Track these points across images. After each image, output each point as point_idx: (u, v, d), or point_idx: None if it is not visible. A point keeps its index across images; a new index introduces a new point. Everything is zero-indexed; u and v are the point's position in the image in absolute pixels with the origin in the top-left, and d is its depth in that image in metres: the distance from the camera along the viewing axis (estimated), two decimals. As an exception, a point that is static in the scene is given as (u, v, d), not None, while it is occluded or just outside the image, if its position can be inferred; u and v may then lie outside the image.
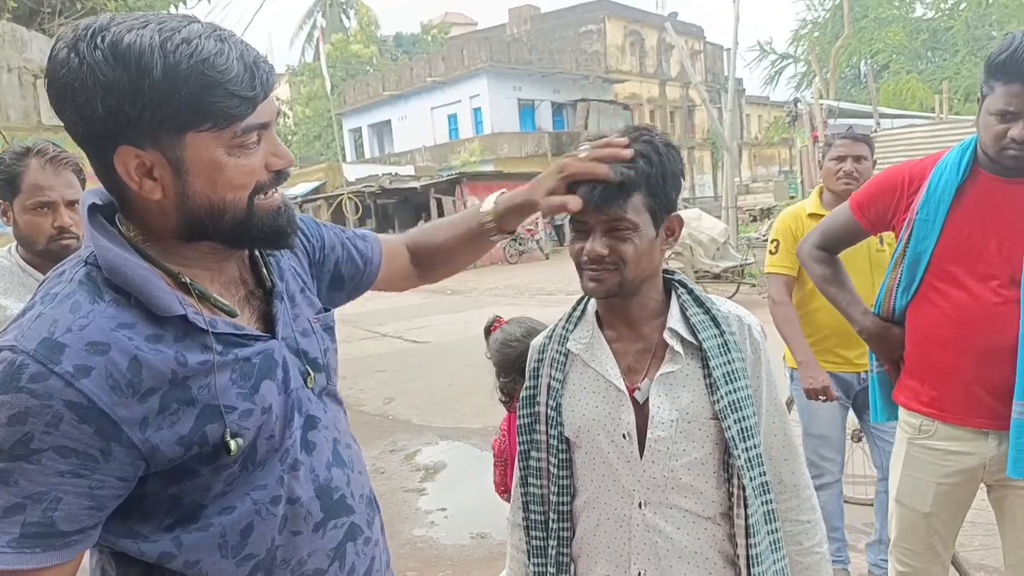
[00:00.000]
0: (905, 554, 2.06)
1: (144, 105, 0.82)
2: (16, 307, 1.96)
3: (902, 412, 2.07)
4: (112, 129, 0.84)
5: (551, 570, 1.32)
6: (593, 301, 1.37)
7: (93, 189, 0.98)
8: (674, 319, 1.26)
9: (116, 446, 0.83)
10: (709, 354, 1.23)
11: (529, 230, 21.84)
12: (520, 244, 21.45)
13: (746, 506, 1.21)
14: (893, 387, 2.12)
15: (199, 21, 0.86)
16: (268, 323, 1.02)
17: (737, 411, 1.22)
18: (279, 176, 0.95)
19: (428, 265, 1.47)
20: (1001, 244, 1.81)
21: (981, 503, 2.08)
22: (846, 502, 3.81)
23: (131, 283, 0.87)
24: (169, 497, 0.90)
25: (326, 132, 35.28)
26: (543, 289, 14.44)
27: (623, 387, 1.27)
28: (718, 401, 1.21)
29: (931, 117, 12.34)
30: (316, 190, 23.46)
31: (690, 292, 1.31)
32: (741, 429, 1.22)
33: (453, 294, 15.36)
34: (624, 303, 1.28)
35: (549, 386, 1.33)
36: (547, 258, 21.40)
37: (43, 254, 1.96)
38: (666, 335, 1.25)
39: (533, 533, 1.35)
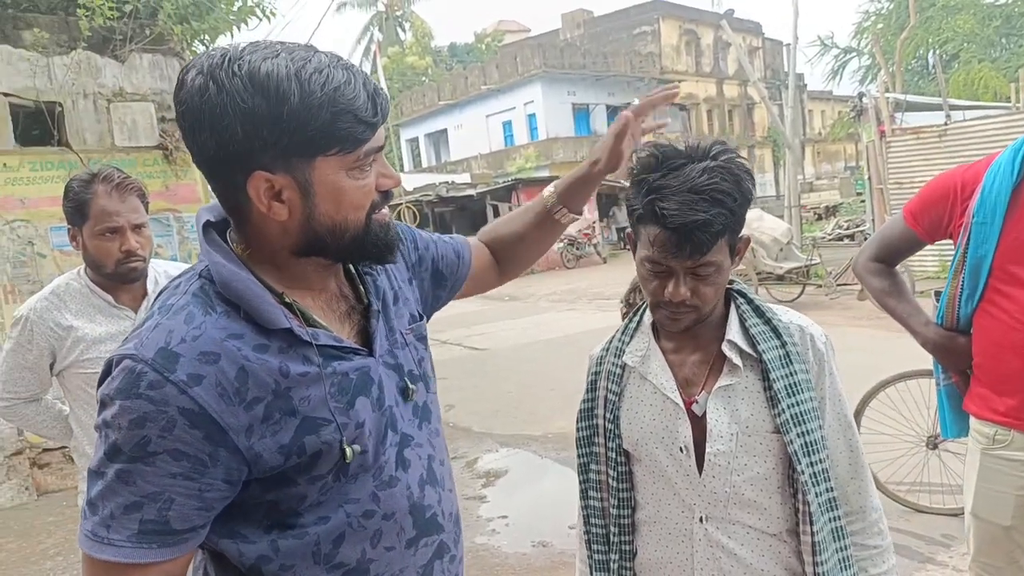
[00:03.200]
0: (986, 569, 1.97)
1: (282, 131, 0.87)
2: (87, 327, 2.06)
3: (974, 422, 1.98)
4: (247, 153, 0.88)
5: None
6: (649, 311, 1.37)
7: (207, 206, 1.03)
8: (733, 331, 1.24)
9: (223, 451, 0.88)
10: (770, 366, 1.21)
11: (586, 234, 21.77)
12: (577, 249, 21.39)
13: (812, 523, 1.18)
14: (963, 400, 2.04)
15: (321, 51, 0.91)
16: (366, 339, 1.05)
17: (800, 424, 1.19)
18: (387, 195, 1.00)
19: (507, 257, 1.50)
20: None
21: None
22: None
23: (242, 297, 0.92)
24: (268, 503, 0.95)
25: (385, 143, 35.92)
26: (600, 294, 14.35)
27: (679, 401, 1.25)
28: (780, 414, 1.19)
29: (1007, 107, 11.79)
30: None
31: (750, 302, 1.29)
32: (805, 443, 1.19)
33: (511, 300, 15.43)
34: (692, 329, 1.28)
35: (606, 399, 1.33)
36: (604, 262, 21.27)
37: (111, 276, 2.06)
38: (725, 347, 1.23)
39: (595, 547, 1.35)
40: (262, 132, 0.86)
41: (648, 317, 1.36)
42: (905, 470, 3.74)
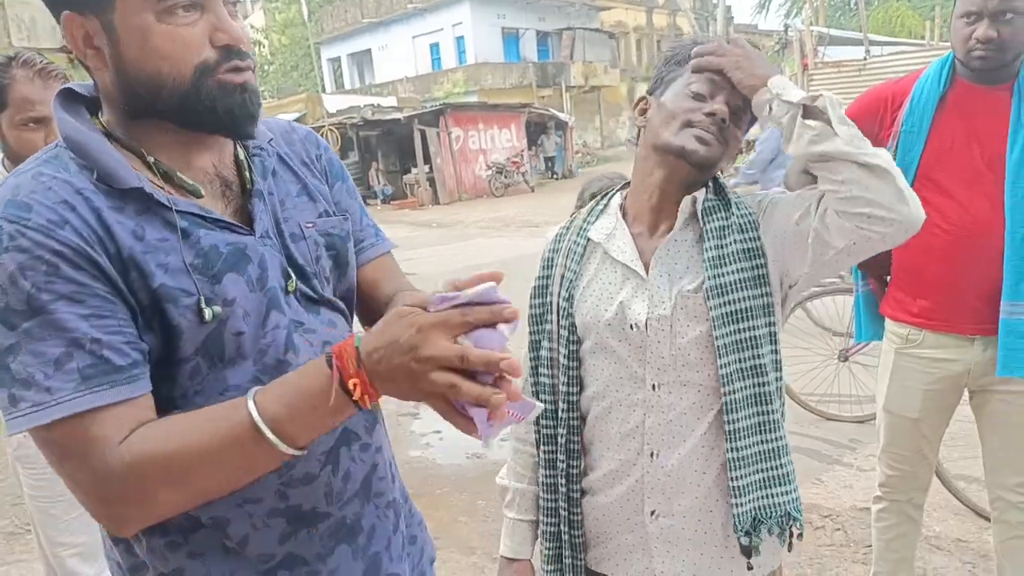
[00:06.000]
0: (895, 459, 2.15)
1: None
2: None
3: (889, 324, 2.12)
4: None
5: (561, 456, 1.34)
6: (618, 196, 1.39)
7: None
8: (700, 194, 1.30)
9: (116, 293, 0.84)
10: (707, 236, 1.25)
11: (515, 162, 21.64)
12: (505, 177, 21.26)
13: (726, 383, 1.23)
14: (879, 305, 2.17)
15: None
16: (248, 221, 0.99)
17: (722, 295, 1.22)
18: (230, 53, 0.90)
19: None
20: (983, 150, 1.86)
21: (960, 418, 2.16)
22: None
23: (88, 153, 0.87)
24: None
25: (303, 62, 34.31)
26: (530, 221, 14.40)
27: (642, 272, 1.28)
28: (704, 282, 1.23)
29: (922, 44, 12.20)
30: (296, 122, 22.90)
31: (715, 181, 1.33)
32: (725, 313, 1.22)
33: (439, 227, 15.31)
34: (686, 186, 1.29)
35: (563, 276, 1.34)
36: (532, 191, 21.25)
37: None
38: (685, 201, 1.28)
39: (543, 422, 1.37)
40: None
41: (616, 199, 1.38)
42: (816, 382, 3.99)
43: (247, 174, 1.01)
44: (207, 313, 0.88)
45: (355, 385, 0.80)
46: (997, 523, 2.10)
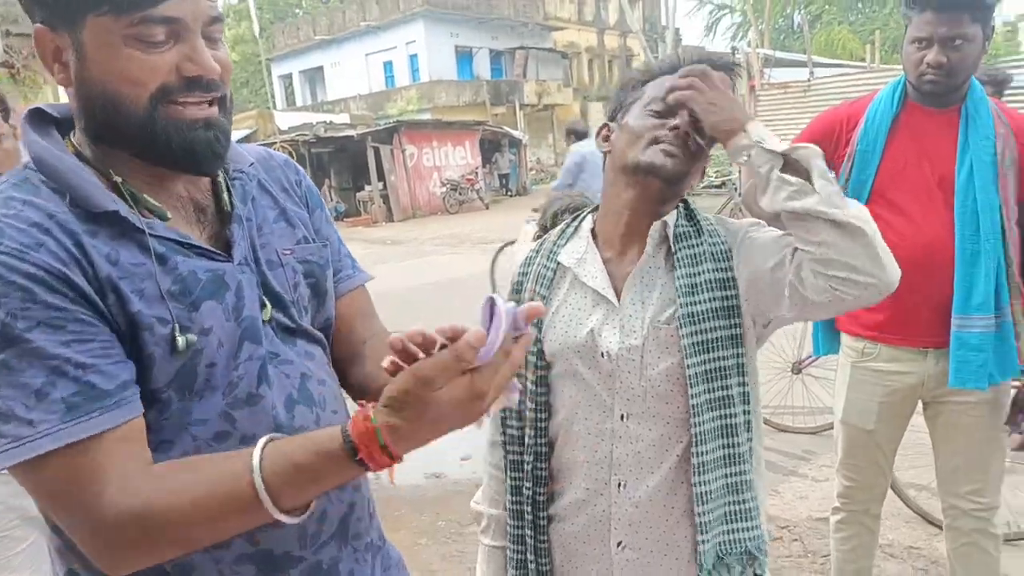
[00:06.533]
0: (851, 470, 2.19)
1: None
2: None
3: (845, 338, 2.17)
4: (28, 5, 0.85)
5: (527, 483, 1.32)
6: (589, 219, 1.37)
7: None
8: (671, 218, 1.28)
9: (97, 314, 0.81)
10: (679, 263, 1.24)
11: (469, 179, 21.66)
12: (460, 194, 21.26)
13: (696, 415, 1.21)
14: (835, 319, 2.22)
15: None
16: (226, 247, 0.95)
17: (694, 324, 1.21)
18: (193, 84, 0.87)
19: (350, 366, 1.14)
20: (934, 169, 1.93)
21: (909, 427, 2.21)
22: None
23: (60, 175, 0.84)
24: None
25: (254, 78, 33.88)
26: (484, 238, 14.39)
27: (614, 299, 1.27)
28: (677, 310, 1.22)
29: (863, 66, 12.67)
30: (246, 139, 22.59)
31: (686, 205, 1.32)
32: (695, 342, 1.21)
33: (394, 244, 15.20)
34: (655, 207, 1.28)
35: (532, 300, 1.32)
36: (487, 208, 21.29)
37: None
38: (655, 225, 1.27)
39: (510, 448, 1.35)
40: None
41: (588, 223, 1.36)
42: (771, 394, 4.06)
43: (225, 198, 0.98)
44: (180, 342, 0.85)
45: (378, 463, 0.77)
46: (949, 530, 2.15)
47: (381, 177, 20.44)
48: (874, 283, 1.10)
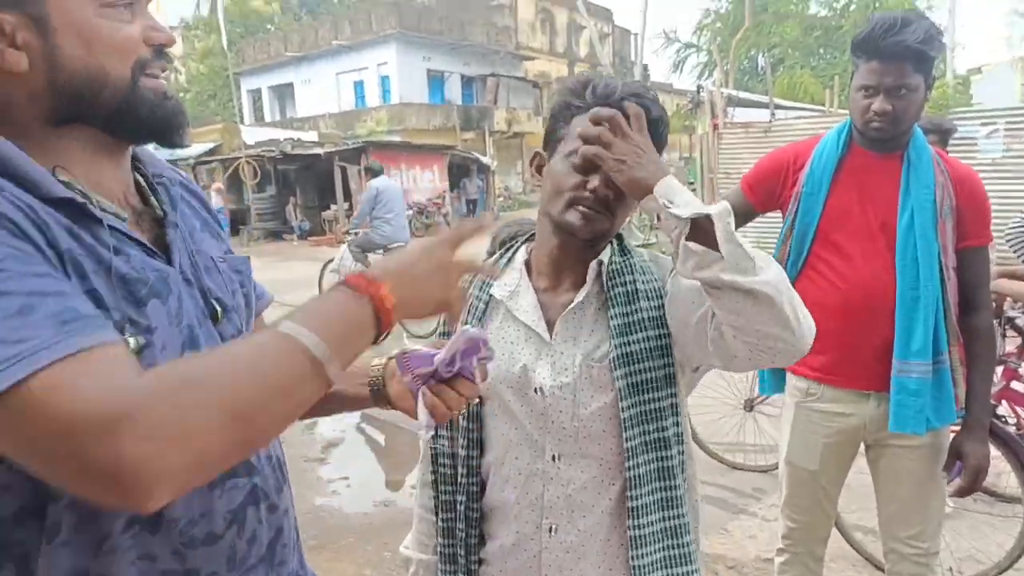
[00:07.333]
0: (795, 510, 2.20)
1: None
2: None
3: (790, 378, 2.20)
4: None
5: (459, 525, 1.29)
6: (523, 250, 1.35)
7: None
8: (605, 255, 1.27)
9: (65, 273, 0.75)
10: (612, 303, 1.22)
11: (436, 203, 21.64)
12: (427, 218, 21.20)
13: (631, 457, 1.19)
14: None
15: None
16: (163, 252, 0.92)
17: (628, 364, 1.19)
18: (162, 54, 0.87)
19: None
20: (877, 213, 1.97)
21: (856, 470, 2.23)
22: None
23: (9, 160, 0.77)
24: None
25: (222, 92, 33.52)
26: (448, 262, 14.35)
27: (546, 335, 1.25)
28: (612, 350, 1.20)
29: (822, 109, 13.04)
30: (211, 152, 22.29)
31: (620, 240, 1.31)
32: (631, 383, 1.19)
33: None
34: (583, 251, 1.26)
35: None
36: (453, 232, 21.22)
37: None
38: (592, 265, 1.25)
39: (442, 487, 1.32)
40: None
41: (521, 254, 1.34)
42: (723, 431, 4.08)
43: (153, 201, 0.95)
44: (132, 343, 0.79)
45: (382, 299, 0.81)
46: (891, 574, 2.16)
47: (347, 197, 20.32)
48: (784, 348, 1.06)
